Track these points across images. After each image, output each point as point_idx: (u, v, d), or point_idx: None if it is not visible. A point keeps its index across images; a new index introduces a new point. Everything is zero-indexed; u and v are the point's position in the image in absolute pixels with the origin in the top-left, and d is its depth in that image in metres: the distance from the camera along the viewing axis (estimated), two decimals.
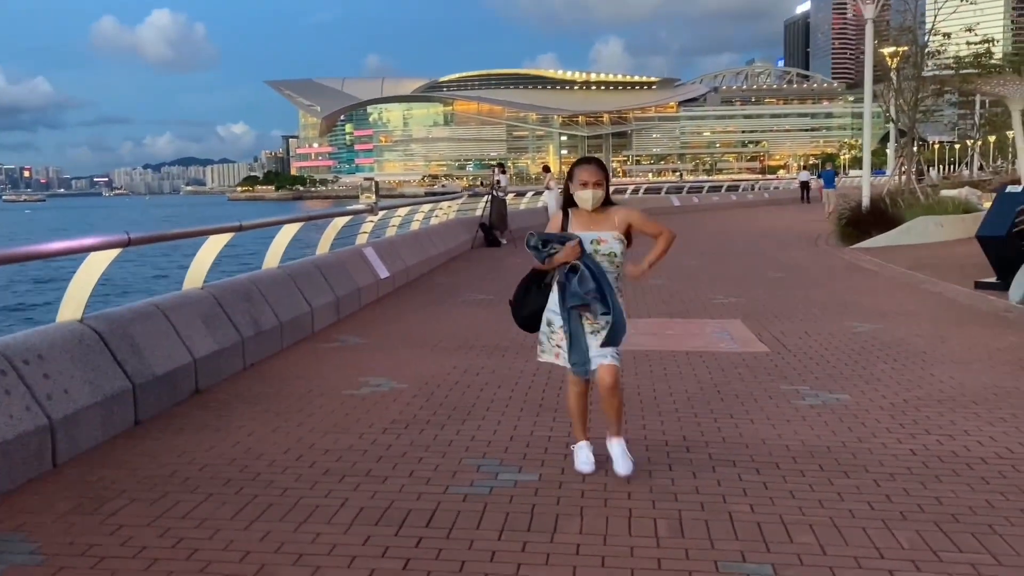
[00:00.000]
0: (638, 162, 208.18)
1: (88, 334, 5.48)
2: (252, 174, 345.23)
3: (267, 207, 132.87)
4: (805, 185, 43.15)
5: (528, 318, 4.87)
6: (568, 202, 4.67)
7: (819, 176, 38.50)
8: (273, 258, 8.90)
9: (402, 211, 14.39)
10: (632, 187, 40.05)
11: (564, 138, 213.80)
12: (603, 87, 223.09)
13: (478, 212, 20.38)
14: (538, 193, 26.93)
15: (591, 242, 4.53)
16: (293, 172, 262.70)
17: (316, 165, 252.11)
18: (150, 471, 4.75)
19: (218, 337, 6.93)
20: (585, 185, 4.53)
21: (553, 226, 4.70)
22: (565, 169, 5.14)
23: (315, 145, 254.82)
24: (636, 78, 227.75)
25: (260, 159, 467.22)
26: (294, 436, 5.39)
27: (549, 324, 4.73)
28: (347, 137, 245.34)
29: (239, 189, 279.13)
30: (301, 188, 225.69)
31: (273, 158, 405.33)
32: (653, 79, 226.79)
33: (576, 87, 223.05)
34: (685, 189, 43.78)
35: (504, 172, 21.13)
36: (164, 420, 5.75)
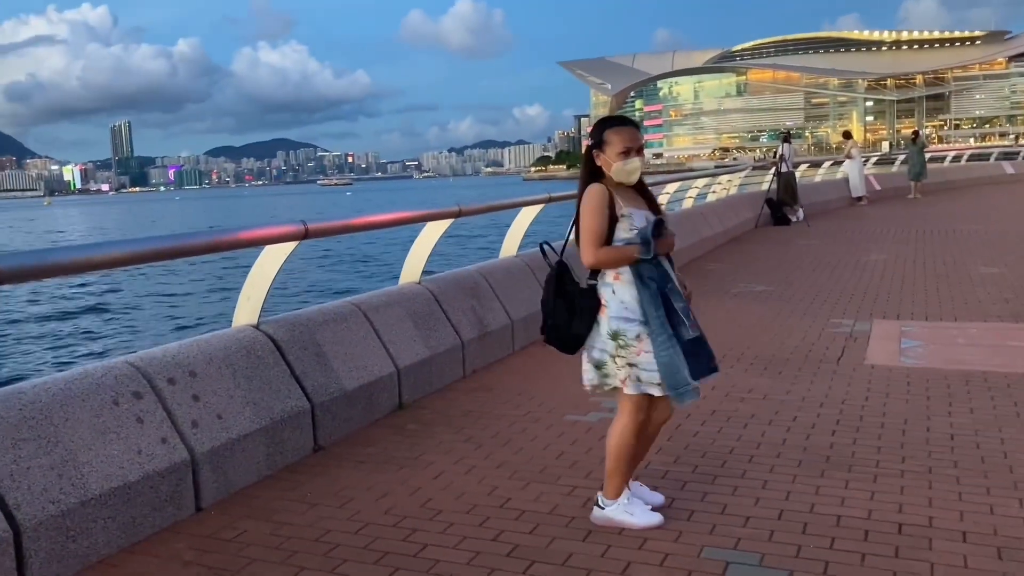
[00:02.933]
0: (957, 126, 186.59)
1: (261, 343, 4.62)
2: (545, 154, 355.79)
3: (558, 185, 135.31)
4: None
5: (579, 337, 3.62)
6: (594, 175, 3.59)
7: None
8: (511, 245, 7.80)
9: (670, 187, 12.80)
10: (953, 153, 34.84)
11: (869, 103, 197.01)
12: (916, 46, 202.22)
13: (764, 187, 18.21)
14: (837, 163, 23.93)
15: (645, 219, 3.56)
16: (584, 151, 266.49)
17: None
18: (297, 528, 3.74)
19: (432, 341, 5.91)
20: (628, 153, 3.50)
21: (598, 204, 3.52)
22: (870, 137, 3.48)
23: None
24: (956, 33, 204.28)
25: (553, 139, 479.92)
26: (488, 483, 4.16)
27: (616, 336, 3.51)
28: (637, 113, 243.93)
29: (532, 169, 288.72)
30: None
31: (565, 138, 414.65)
32: (977, 33, 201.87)
33: (884, 48, 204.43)
34: (1022, 154, 37.51)
35: (789, 142, 18.61)
36: (349, 446, 4.79)
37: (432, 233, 6.27)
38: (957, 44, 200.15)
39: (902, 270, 10.81)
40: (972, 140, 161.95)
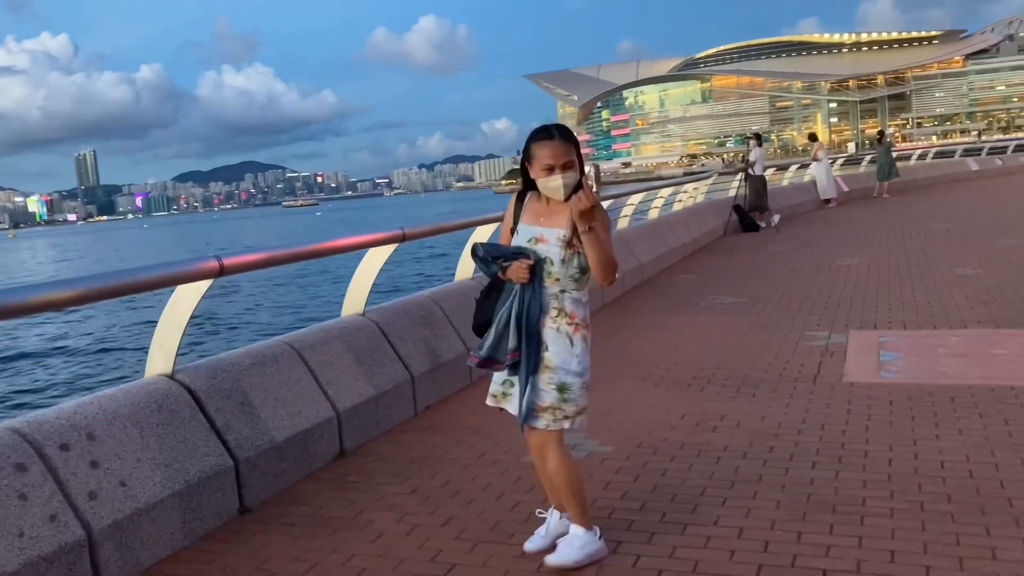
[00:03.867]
0: (919, 125, 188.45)
1: (176, 395, 4.13)
2: (515, 167, 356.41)
3: None
4: None
5: (478, 328, 3.49)
6: (528, 186, 3.41)
7: None
8: (466, 267, 7.35)
9: (634, 199, 12.40)
10: (918, 151, 34.89)
11: (833, 105, 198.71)
12: (876, 47, 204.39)
13: (731, 192, 17.91)
14: (804, 166, 23.74)
15: (528, 241, 3.32)
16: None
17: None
18: None
19: (377, 379, 5.44)
20: (550, 170, 3.24)
21: (506, 220, 3.51)
22: (835, 138, 3.09)
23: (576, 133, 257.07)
24: (914, 34, 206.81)
25: (523, 152, 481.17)
26: (432, 546, 3.69)
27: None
28: (604, 123, 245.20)
29: (503, 182, 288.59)
30: None
31: None
32: (934, 33, 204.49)
33: (845, 50, 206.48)
34: (985, 150, 37.65)
35: (760, 144, 18.24)
36: (280, 505, 4.29)
37: (375, 260, 5.81)
38: (915, 44, 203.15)
39: (876, 274, 10.48)
40: (935, 138, 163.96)
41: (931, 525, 3.56)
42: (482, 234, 7.33)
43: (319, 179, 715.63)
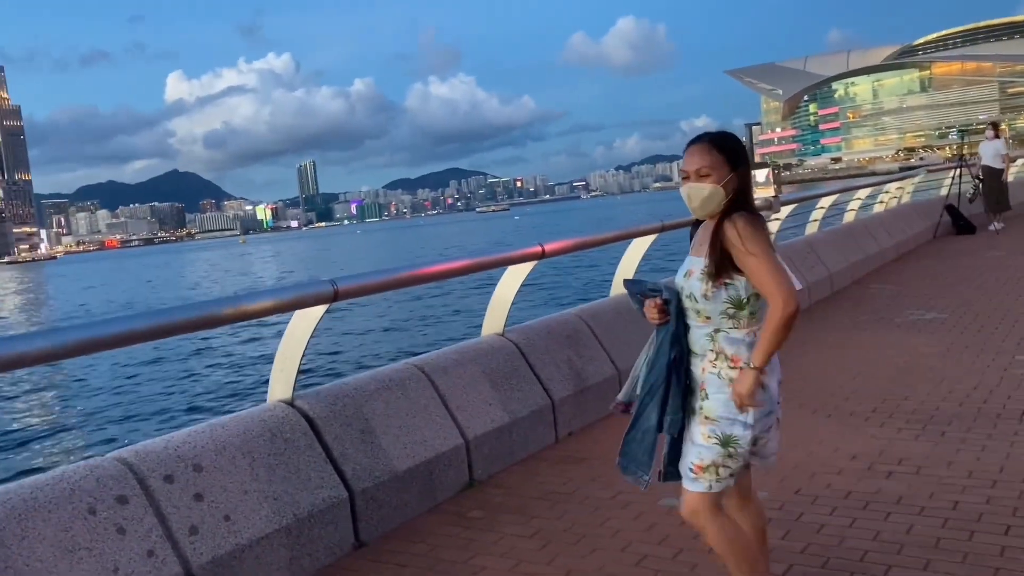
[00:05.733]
0: None
1: (292, 422, 4.02)
2: None
3: None
4: None
5: None
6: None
7: None
8: (621, 282, 6.92)
9: (825, 201, 11.40)
10: None
11: None
12: None
13: (943, 192, 16.27)
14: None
15: (684, 275, 2.85)
16: (756, 159, 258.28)
17: (780, 150, 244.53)
18: None
19: (513, 404, 5.16)
20: (686, 178, 2.81)
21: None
22: None
23: (778, 130, 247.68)
24: None
25: None
26: None
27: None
28: (811, 118, 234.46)
29: None
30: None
31: None
32: None
33: None
34: None
35: (998, 135, 16.17)
36: (397, 540, 4.09)
37: (514, 278, 5.53)
38: None
39: None
40: None
41: None
42: (639, 247, 6.90)
43: (518, 184, 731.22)
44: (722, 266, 2.70)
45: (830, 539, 3.69)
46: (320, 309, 4.04)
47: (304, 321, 4.09)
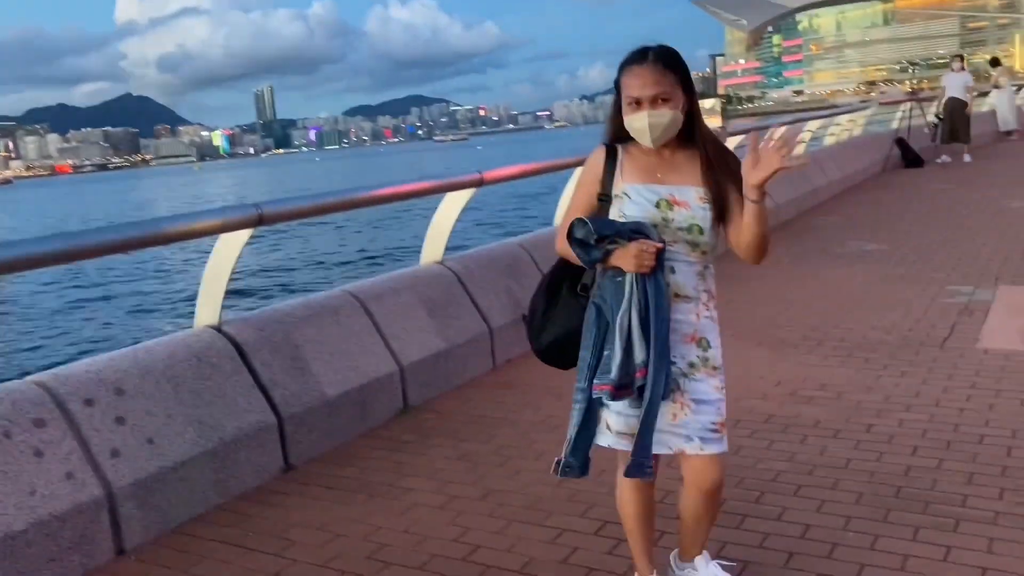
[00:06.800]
0: None
1: (219, 348, 4.01)
2: None
3: None
4: None
5: (553, 346, 2.62)
6: (618, 133, 2.52)
7: None
8: (563, 211, 6.92)
9: (778, 132, 11.41)
10: None
11: None
12: None
13: (894, 125, 16.41)
14: (983, 94, 21.44)
15: (656, 206, 2.43)
16: (720, 91, 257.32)
17: (743, 82, 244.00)
18: None
19: (450, 331, 5.19)
20: (638, 104, 2.40)
21: (584, 174, 2.60)
22: None
23: (741, 61, 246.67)
24: None
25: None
26: (462, 523, 3.42)
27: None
28: (774, 50, 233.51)
29: None
30: (728, 107, 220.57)
31: (699, 79, 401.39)
32: None
33: None
34: None
35: (964, 68, 16.43)
36: (326, 464, 4.14)
37: (452, 206, 5.51)
38: None
39: None
40: None
41: None
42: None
43: (481, 112, 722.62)
44: (719, 194, 2.46)
45: (746, 460, 3.81)
46: (245, 233, 4.00)
47: (228, 246, 4.05)
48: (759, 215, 2.38)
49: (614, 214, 2.46)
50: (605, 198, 2.49)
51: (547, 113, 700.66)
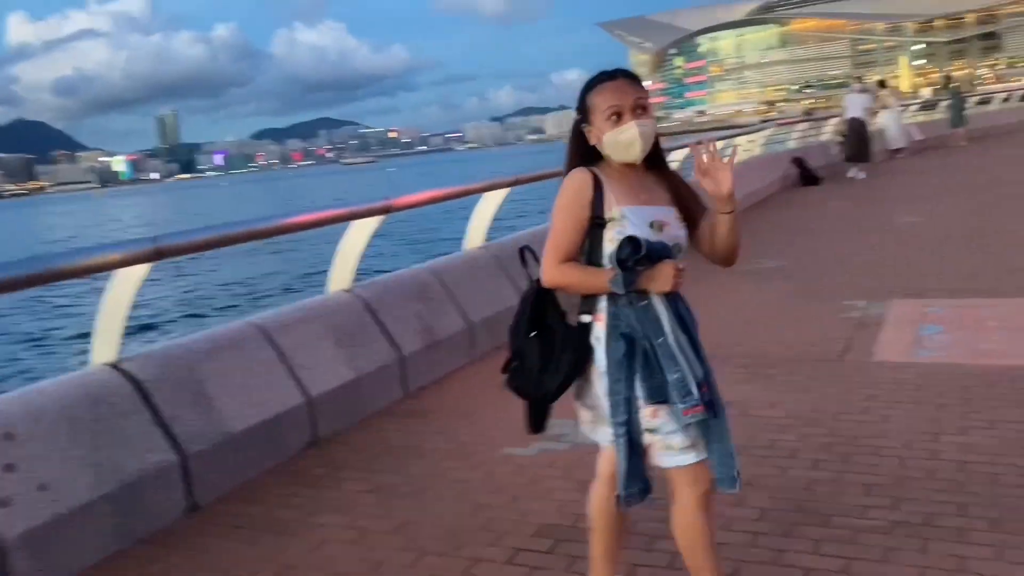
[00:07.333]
0: (1012, 66, 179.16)
1: (116, 387, 3.87)
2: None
3: None
4: None
5: (562, 388, 2.51)
6: (586, 158, 2.50)
7: None
8: (475, 237, 6.96)
9: (678, 155, 11.70)
10: (1004, 94, 32.73)
11: (919, 47, 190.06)
12: None
13: (791, 144, 17.04)
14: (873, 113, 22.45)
15: (651, 227, 2.41)
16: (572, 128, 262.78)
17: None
18: None
19: (360, 360, 5.13)
20: (618, 115, 2.38)
21: (571, 198, 2.46)
22: (921, 81, 2.44)
23: (647, 83, 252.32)
24: None
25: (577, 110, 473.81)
26: (374, 558, 3.38)
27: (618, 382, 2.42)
28: (678, 71, 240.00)
29: None
30: None
31: None
32: None
33: None
34: None
35: (865, 90, 17.58)
36: (233, 502, 4.03)
37: (360, 233, 5.46)
38: None
39: (935, 234, 9.72)
40: None
41: (935, 545, 3.09)
42: (492, 201, 6.93)
43: (391, 135, 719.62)
44: (688, 213, 2.54)
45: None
46: (142, 268, 3.88)
47: (125, 282, 3.92)
48: (735, 224, 2.47)
49: (610, 237, 2.41)
50: (600, 222, 2.42)
51: (458, 135, 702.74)
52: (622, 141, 2.39)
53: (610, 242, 2.40)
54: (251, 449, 4.28)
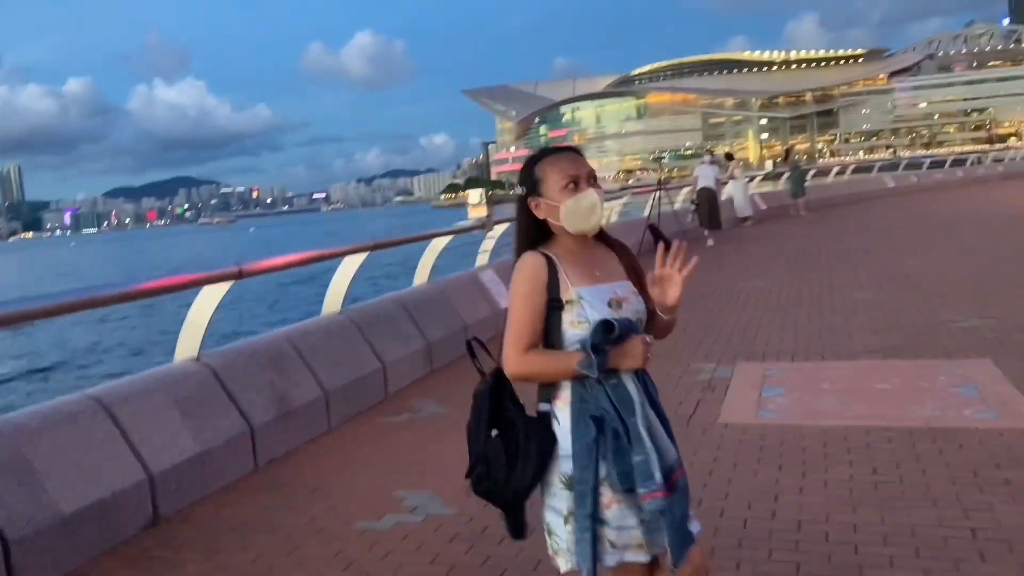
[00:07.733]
0: (847, 140, 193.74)
1: None
2: (455, 181, 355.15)
3: (465, 213, 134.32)
4: None
5: (536, 480, 2.36)
6: (539, 235, 2.42)
7: None
8: (333, 302, 6.87)
9: (497, 230, 12.02)
10: (837, 168, 35.42)
11: (764, 121, 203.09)
12: (804, 65, 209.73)
13: (645, 212, 17.75)
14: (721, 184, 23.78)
15: (609, 304, 2.33)
16: (493, 177, 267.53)
17: (514, 168, 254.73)
18: None
19: (207, 433, 4.92)
20: (575, 183, 2.36)
21: (527, 286, 2.35)
22: (766, 153, 2.47)
23: (512, 149, 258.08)
24: (841, 52, 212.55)
25: (462, 166, 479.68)
26: None
27: (572, 485, 2.30)
28: (542, 139, 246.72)
29: (443, 197, 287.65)
30: (501, 192, 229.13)
31: (474, 165, 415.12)
32: (859, 51, 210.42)
33: (775, 68, 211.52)
34: (901, 166, 38.43)
35: (714, 162, 18.81)
36: None
37: (209, 300, 5.30)
38: (842, 62, 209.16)
39: (777, 298, 10.29)
40: (862, 153, 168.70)
41: None
42: (350, 266, 6.88)
43: (254, 194, 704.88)
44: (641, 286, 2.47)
45: (508, 551, 3.86)
46: None
47: None
48: (672, 322, 2.48)
49: (569, 320, 2.31)
50: (557, 304, 2.32)
51: (324, 195, 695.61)
52: (583, 207, 2.34)
53: (570, 325, 2.31)
54: (83, 531, 4.02)
